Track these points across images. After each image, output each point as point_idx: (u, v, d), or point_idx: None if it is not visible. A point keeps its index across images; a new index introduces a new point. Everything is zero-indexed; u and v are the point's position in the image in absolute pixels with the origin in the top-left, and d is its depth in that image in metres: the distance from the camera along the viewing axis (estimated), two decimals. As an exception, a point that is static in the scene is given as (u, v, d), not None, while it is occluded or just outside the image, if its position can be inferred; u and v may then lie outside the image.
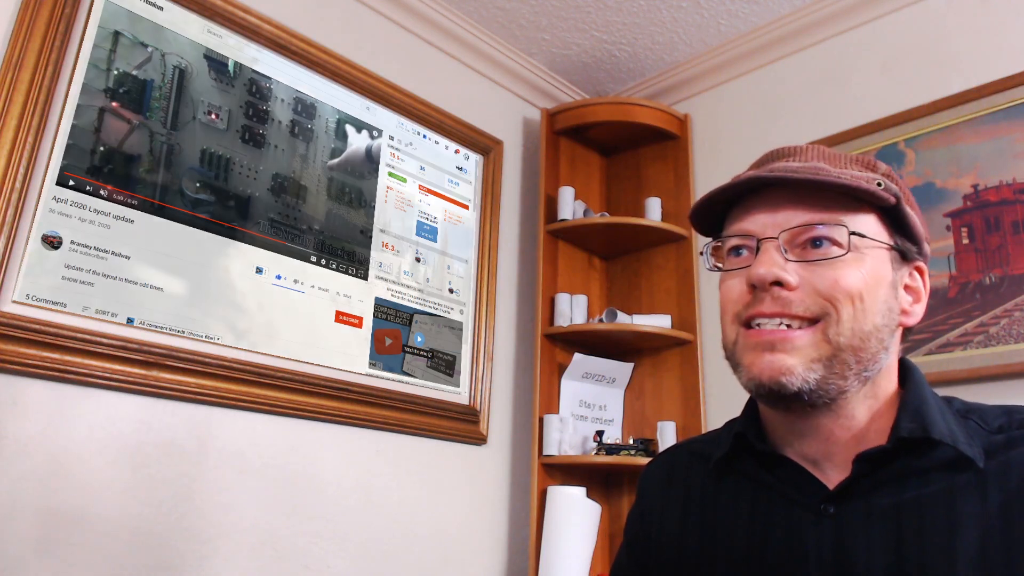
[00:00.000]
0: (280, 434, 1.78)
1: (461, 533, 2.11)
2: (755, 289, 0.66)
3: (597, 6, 2.33)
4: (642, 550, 0.83)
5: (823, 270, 0.65)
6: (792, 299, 0.64)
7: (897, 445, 0.65)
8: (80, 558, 1.44)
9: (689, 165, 2.48)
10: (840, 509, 0.66)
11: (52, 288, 1.48)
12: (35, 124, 1.49)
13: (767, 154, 0.75)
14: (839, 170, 0.68)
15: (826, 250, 0.65)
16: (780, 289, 0.65)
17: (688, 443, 0.86)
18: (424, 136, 2.29)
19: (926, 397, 0.69)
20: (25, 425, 1.42)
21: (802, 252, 0.66)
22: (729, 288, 0.69)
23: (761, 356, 0.65)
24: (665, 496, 0.82)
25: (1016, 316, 1.75)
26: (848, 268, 0.65)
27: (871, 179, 0.67)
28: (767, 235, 0.67)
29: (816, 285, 0.65)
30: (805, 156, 0.71)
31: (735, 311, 0.68)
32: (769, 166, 0.71)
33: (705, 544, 0.74)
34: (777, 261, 0.65)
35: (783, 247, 0.66)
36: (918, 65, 2.08)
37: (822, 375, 0.64)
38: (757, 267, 0.65)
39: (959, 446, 0.64)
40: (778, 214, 0.67)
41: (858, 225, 0.66)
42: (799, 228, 0.66)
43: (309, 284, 1.89)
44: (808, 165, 0.68)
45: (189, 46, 1.78)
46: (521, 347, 2.44)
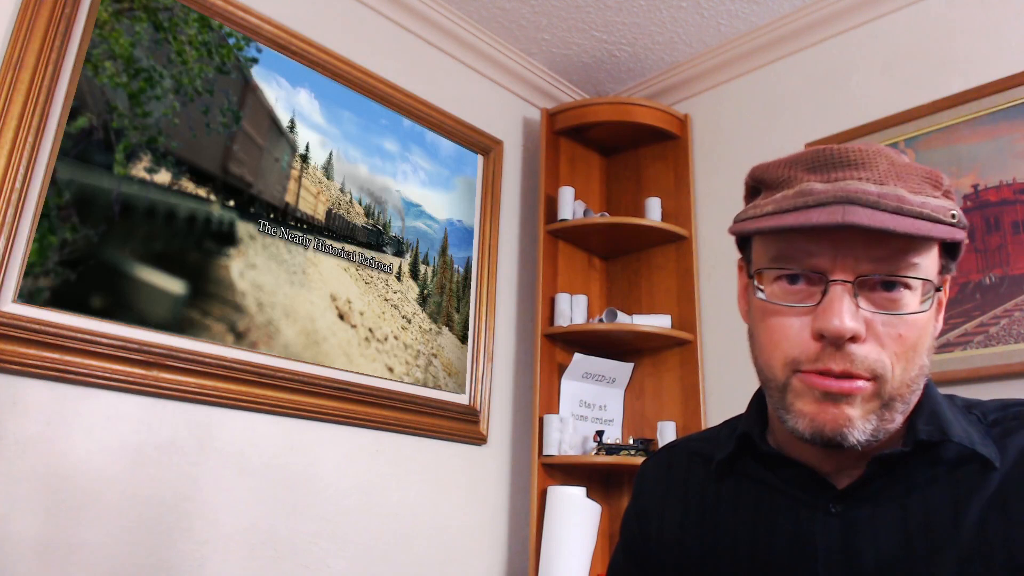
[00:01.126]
0: (280, 434, 1.78)
1: (461, 533, 2.11)
2: (823, 338, 0.61)
3: (597, 6, 2.33)
4: (640, 551, 0.82)
5: (891, 325, 0.61)
6: (857, 356, 0.61)
7: (916, 448, 0.64)
8: (80, 558, 1.44)
9: (689, 165, 2.48)
10: (848, 509, 0.66)
11: (52, 288, 1.48)
12: (35, 124, 1.49)
13: (825, 155, 0.65)
14: (918, 198, 0.61)
15: (897, 298, 0.61)
16: (851, 343, 0.61)
17: (686, 441, 0.85)
18: (425, 136, 2.29)
19: (938, 398, 0.68)
20: (25, 425, 1.42)
21: (872, 296, 0.62)
22: (784, 327, 0.63)
23: (825, 407, 0.62)
24: (664, 496, 0.81)
25: (1016, 316, 1.75)
26: (914, 322, 0.62)
27: (946, 210, 0.62)
28: (839, 277, 0.61)
29: (881, 337, 0.61)
30: (876, 171, 0.63)
31: (792, 356, 0.63)
32: (839, 180, 0.62)
33: (707, 545, 0.73)
34: (853, 312, 0.60)
35: (854, 292, 0.61)
36: (918, 65, 2.08)
37: (876, 425, 0.62)
38: (833, 318, 0.60)
39: (976, 447, 0.64)
40: (850, 252, 0.61)
41: (930, 265, 0.63)
42: (871, 277, 0.61)
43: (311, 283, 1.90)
44: (888, 191, 0.61)
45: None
46: (521, 347, 2.44)
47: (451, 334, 2.22)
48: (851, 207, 0.59)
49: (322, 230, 1.96)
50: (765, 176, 0.69)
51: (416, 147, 2.27)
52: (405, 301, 2.12)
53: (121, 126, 1.63)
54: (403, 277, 2.14)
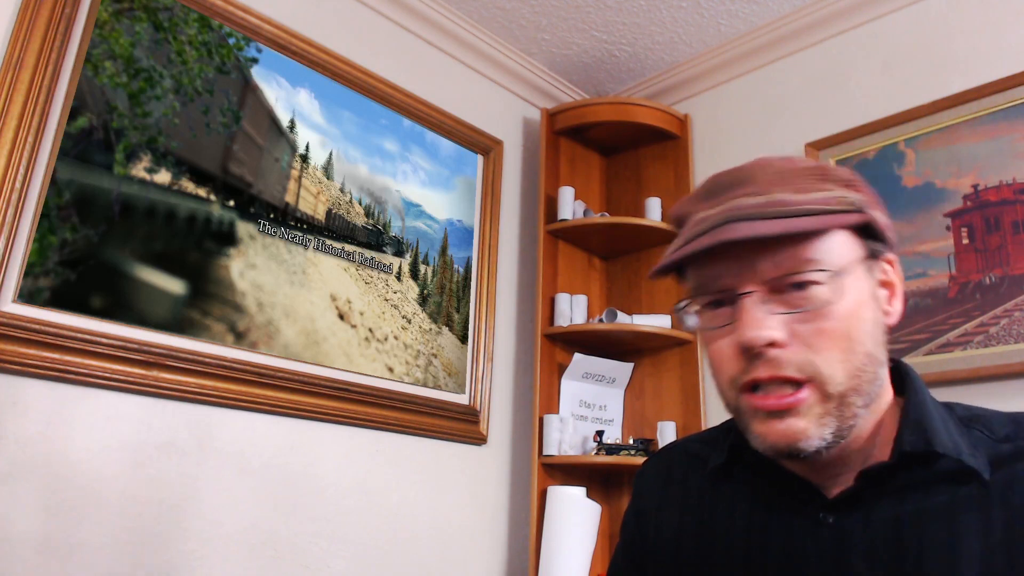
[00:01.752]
0: (280, 434, 1.78)
1: (461, 533, 2.11)
2: (746, 351, 0.63)
3: (597, 6, 2.33)
4: (639, 551, 0.82)
5: (809, 320, 0.62)
6: (783, 359, 0.62)
7: (900, 460, 0.64)
8: (80, 558, 1.44)
9: (689, 165, 2.48)
10: (839, 519, 0.65)
11: (52, 288, 1.48)
12: (35, 124, 1.49)
13: (716, 182, 0.68)
14: (802, 196, 0.64)
15: (809, 294, 0.62)
16: (772, 349, 0.62)
17: (685, 443, 0.85)
18: (425, 136, 2.29)
19: (927, 406, 0.67)
20: (25, 425, 1.42)
21: (784, 299, 0.63)
22: (719, 350, 0.65)
23: (771, 425, 0.62)
24: (662, 497, 0.81)
25: (1016, 316, 1.75)
26: (833, 310, 0.62)
27: (835, 199, 0.64)
28: (745, 290, 0.63)
29: (804, 336, 0.62)
30: (760, 183, 0.65)
31: (731, 375, 0.65)
32: (724, 202, 0.66)
33: (702, 548, 0.74)
34: (763, 320, 0.62)
35: (764, 299, 0.63)
36: (918, 65, 2.08)
37: (835, 426, 0.62)
38: (745, 330, 0.62)
39: (963, 458, 0.62)
40: (750, 264, 0.63)
41: (833, 255, 0.63)
42: (777, 279, 0.63)
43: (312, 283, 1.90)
44: (771, 200, 0.63)
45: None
46: (521, 347, 2.44)
47: (451, 334, 2.22)
48: (732, 225, 0.62)
49: (322, 230, 1.96)
50: (676, 215, 0.72)
51: (416, 147, 2.27)
52: (405, 301, 2.12)
53: (121, 126, 1.63)
54: (403, 277, 2.14)
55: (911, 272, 1.93)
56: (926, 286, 1.91)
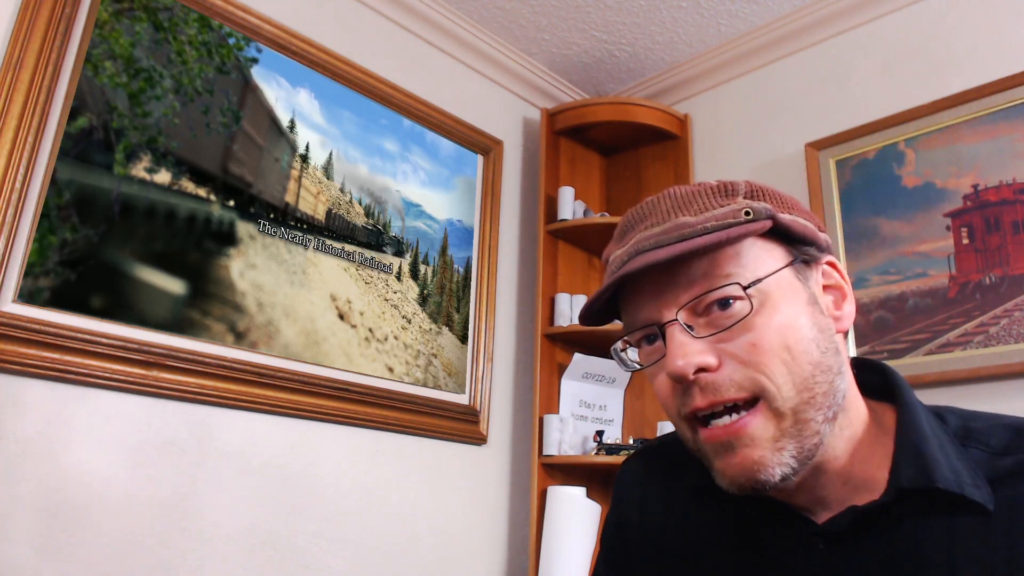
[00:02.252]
0: (280, 434, 1.78)
1: (461, 533, 2.11)
2: (680, 382, 0.60)
3: (597, 6, 2.33)
4: (622, 561, 0.79)
5: (738, 336, 0.59)
6: (719, 382, 0.59)
7: (898, 497, 0.59)
8: (80, 558, 1.44)
9: (689, 165, 2.48)
10: (830, 548, 0.62)
11: (52, 288, 1.48)
12: (35, 124, 1.49)
13: (625, 220, 0.68)
14: (700, 217, 0.62)
15: (731, 311, 0.60)
16: (703, 375, 0.59)
17: (667, 446, 0.80)
18: (425, 136, 2.29)
19: (922, 428, 0.62)
20: (25, 425, 1.42)
21: (708, 320, 0.61)
22: (660, 385, 0.63)
23: (727, 460, 0.59)
24: (643, 505, 0.78)
25: (1016, 316, 1.75)
26: (761, 322, 0.59)
27: (736, 211, 0.62)
28: (666, 319, 0.61)
29: (737, 355, 0.59)
30: (662, 214, 0.64)
31: (675, 408, 0.63)
32: (632, 239, 0.65)
33: (687, 559, 0.71)
34: (688, 347, 0.59)
35: (687, 325, 0.60)
36: (918, 65, 2.08)
37: (796, 447, 0.59)
38: (671, 361, 0.59)
39: (965, 492, 0.58)
40: (666, 292, 0.62)
41: (748, 266, 0.61)
42: (693, 302, 0.61)
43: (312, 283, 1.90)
44: (669, 226, 0.62)
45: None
46: (521, 347, 2.44)
47: (451, 334, 2.22)
48: (634, 259, 0.61)
49: (322, 230, 1.96)
50: (603, 261, 0.71)
51: (416, 147, 2.27)
52: (405, 301, 2.12)
53: (121, 126, 1.63)
54: (403, 277, 2.14)
55: (911, 272, 1.93)
56: (926, 286, 1.91)
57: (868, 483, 0.62)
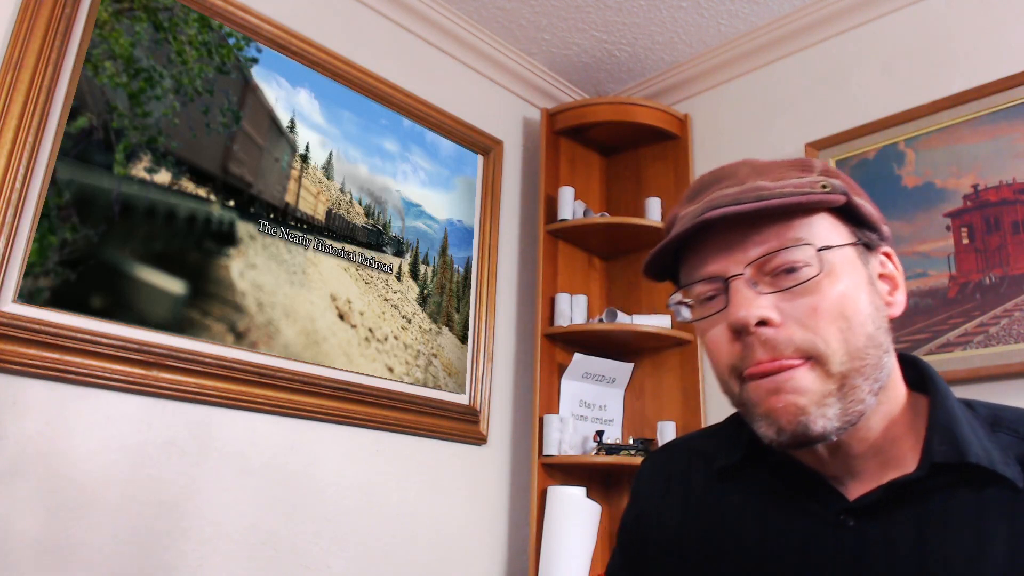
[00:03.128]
0: (280, 434, 1.78)
1: (461, 533, 2.11)
2: (739, 335, 0.62)
3: (597, 6, 2.33)
4: (638, 554, 0.79)
5: (800, 298, 0.61)
6: (779, 340, 0.61)
7: (930, 472, 0.61)
8: (80, 558, 1.44)
9: (689, 165, 2.48)
10: (860, 521, 0.63)
11: (52, 288, 1.48)
12: (35, 124, 1.49)
13: (698, 183, 0.70)
14: (779, 183, 0.64)
15: (797, 274, 0.62)
16: (765, 329, 0.61)
17: (687, 440, 0.82)
18: (425, 136, 2.29)
19: (954, 410, 0.65)
20: (25, 425, 1.42)
21: (773, 281, 0.63)
22: (714, 339, 0.65)
23: (771, 402, 0.61)
24: (662, 498, 0.78)
25: (1016, 316, 1.75)
26: (824, 288, 0.61)
27: (813, 183, 0.64)
28: (732, 273, 0.63)
29: (797, 316, 0.61)
30: (738, 177, 0.67)
31: (729, 363, 0.64)
32: (706, 198, 0.67)
33: (708, 549, 0.71)
34: (753, 299, 0.61)
35: (752, 281, 0.63)
36: (918, 65, 2.08)
37: (840, 408, 0.61)
38: (736, 310, 0.62)
39: (996, 468, 0.60)
40: (735, 248, 0.64)
41: (818, 234, 0.63)
42: (762, 259, 0.63)
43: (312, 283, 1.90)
44: (746, 187, 0.64)
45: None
46: (521, 347, 2.44)
47: (451, 334, 2.22)
48: (706, 213, 0.63)
49: (322, 230, 1.96)
50: (666, 223, 0.75)
51: (416, 147, 2.27)
52: (405, 301, 2.12)
53: (121, 126, 1.63)
54: (403, 277, 2.14)
55: (911, 272, 1.93)
56: (926, 286, 1.91)
57: (899, 461, 0.65)
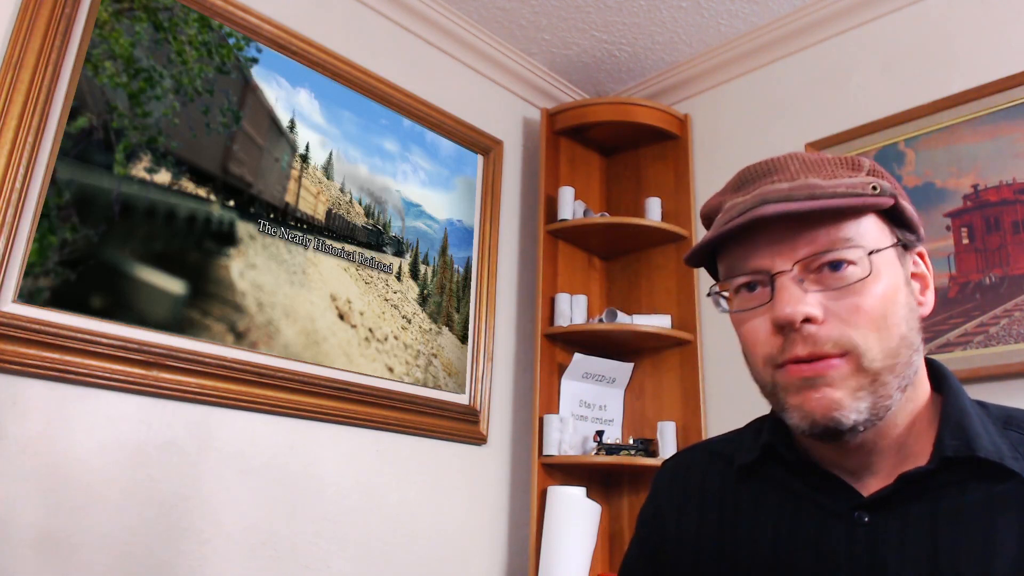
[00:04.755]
0: (280, 434, 1.78)
1: (461, 533, 2.11)
2: (782, 329, 0.63)
3: (597, 6, 2.33)
4: (656, 551, 0.81)
5: (845, 297, 0.63)
6: (820, 335, 0.62)
7: (940, 465, 0.63)
8: (80, 558, 1.44)
9: (689, 165, 2.49)
10: (874, 518, 0.65)
11: (52, 288, 1.48)
12: (35, 124, 1.49)
13: (745, 173, 0.70)
14: (831, 182, 0.65)
15: (844, 273, 0.63)
16: (808, 325, 0.62)
17: (707, 443, 0.84)
18: (425, 136, 2.29)
19: (966, 407, 0.67)
20: (25, 425, 1.42)
21: (819, 278, 0.64)
22: (753, 330, 0.66)
23: (807, 395, 0.63)
24: (682, 496, 0.80)
25: (1016, 316, 1.75)
26: (868, 289, 0.63)
27: (864, 184, 0.65)
28: (780, 269, 0.64)
29: (840, 314, 0.62)
30: (790, 172, 0.67)
31: (766, 353, 0.65)
32: (756, 190, 0.67)
33: (725, 547, 0.73)
34: (800, 297, 0.62)
35: (799, 278, 0.63)
36: (918, 65, 2.08)
37: (871, 402, 0.62)
38: (782, 306, 0.62)
39: (1005, 462, 0.62)
40: (784, 244, 0.64)
41: (867, 236, 0.64)
42: (810, 258, 0.63)
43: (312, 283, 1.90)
44: (799, 184, 0.65)
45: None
46: (521, 347, 2.44)
47: (451, 334, 2.22)
48: (764, 206, 0.64)
49: (322, 230, 1.96)
50: (707, 210, 0.75)
51: (416, 147, 2.27)
52: (405, 301, 2.12)
53: (121, 126, 1.63)
54: (403, 277, 2.14)
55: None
56: (926, 286, 1.90)
57: (915, 455, 0.66)
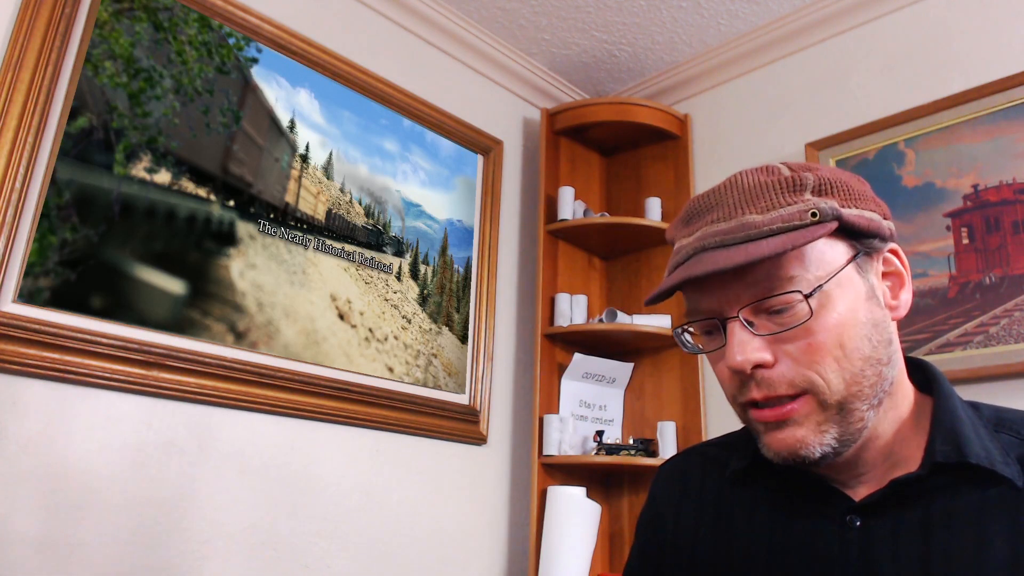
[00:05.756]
0: (280, 434, 1.78)
1: (461, 533, 2.11)
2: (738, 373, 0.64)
3: (597, 6, 2.33)
4: (655, 555, 0.82)
5: (796, 338, 0.62)
6: (774, 379, 0.63)
7: (932, 471, 0.63)
8: (80, 557, 1.44)
9: (689, 165, 2.48)
10: (866, 522, 0.65)
11: (52, 288, 1.48)
12: (35, 124, 1.49)
13: (691, 206, 0.69)
14: (768, 216, 0.63)
15: (790, 316, 0.62)
16: (760, 371, 0.63)
17: (703, 447, 0.85)
18: (425, 136, 2.29)
19: (957, 411, 0.66)
20: (25, 425, 1.42)
21: (769, 319, 0.63)
22: (719, 372, 0.68)
23: (773, 435, 0.64)
24: (679, 501, 0.81)
25: (1016, 316, 1.75)
26: (818, 324, 0.62)
27: (803, 212, 0.62)
28: (728, 315, 0.64)
29: (792, 354, 0.62)
30: (729, 208, 0.65)
31: (731, 394, 0.67)
32: (699, 230, 0.67)
33: (721, 551, 0.73)
34: (748, 343, 0.62)
35: (748, 321, 0.63)
36: (918, 65, 2.08)
37: (838, 432, 0.62)
38: (732, 355, 0.63)
39: (996, 468, 0.62)
40: (729, 288, 0.64)
41: (813, 266, 0.62)
42: (756, 303, 0.63)
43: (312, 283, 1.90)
44: (734, 225, 0.63)
45: (189, 46, 1.78)
46: (521, 347, 2.44)
47: (451, 334, 2.22)
48: (703, 255, 0.64)
49: (322, 230, 1.96)
50: (668, 238, 0.74)
51: (416, 147, 2.27)
52: (405, 301, 2.12)
53: (121, 126, 1.63)
54: (403, 277, 2.14)
55: (911, 272, 1.93)
56: (926, 286, 1.91)
57: (906, 460, 0.66)
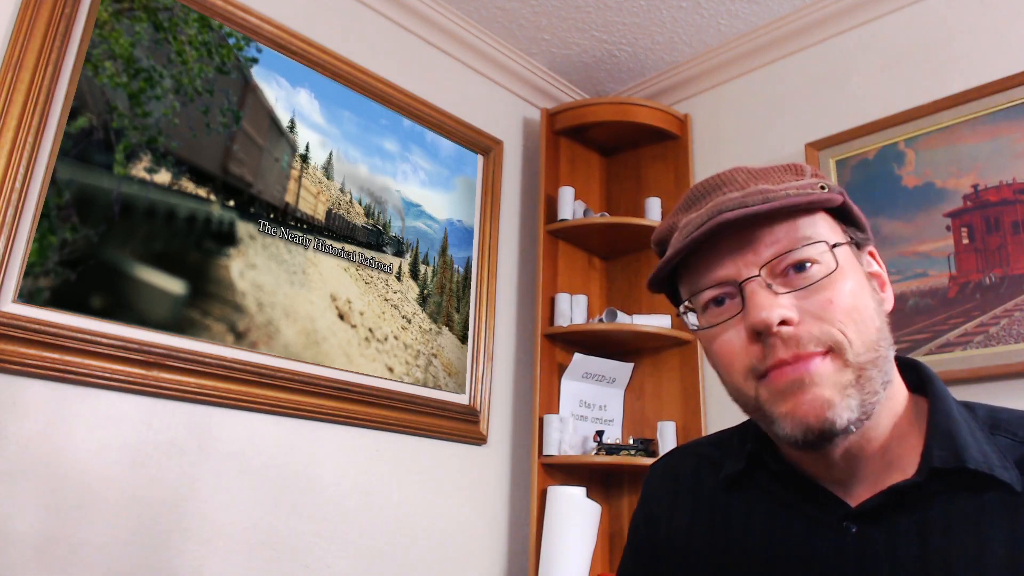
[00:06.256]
0: (280, 434, 1.78)
1: (461, 533, 2.11)
2: (759, 336, 0.62)
3: (597, 6, 2.33)
4: (648, 556, 0.81)
5: (815, 295, 0.62)
6: (800, 335, 0.61)
7: (929, 477, 0.62)
8: (80, 558, 1.44)
9: (689, 165, 2.48)
10: (863, 528, 0.64)
11: (52, 288, 1.48)
12: (35, 124, 1.49)
13: (695, 190, 0.70)
14: (780, 186, 0.65)
15: (810, 272, 0.63)
16: (785, 327, 0.61)
17: (695, 446, 0.83)
18: (425, 136, 2.29)
19: (953, 414, 0.65)
20: (25, 425, 1.42)
21: (786, 280, 0.63)
22: (728, 343, 0.65)
23: (798, 399, 0.61)
24: (672, 502, 0.79)
25: (1016, 316, 1.75)
26: (837, 284, 0.62)
27: (812, 185, 0.66)
28: (747, 275, 0.63)
29: (814, 311, 0.62)
30: (738, 183, 0.68)
31: (745, 365, 0.64)
32: (711, 204, 0.66)
33: (716, 553, 0.72)
34: (773, 300, 0.61)
35: (767, 282, 0.63)
36: (918, 65, 2.08)
37: (859, 399, 0.61)
38: (757, 312, 0.61)
39: (995, 473, 0.61)
40: (746, 251, 0.64)
41: (823, 233, 0.64)
42: (775, 260, 0.63)
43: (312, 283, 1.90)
44: (750, 191, 0.65)
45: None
46: (521, 347, 2.44)
47: (451, 334, 2.22)
48: (720, 216, 0.63)
49: (322, 230, 1.96)
50: (659, 236, 0.74)
51: (416, 147, 2.27)
52: (405, 301, 2.12)
53: (121, 126, 1.63)
54: (403, 277, 2.14)
55: (911, 272, 1.93)
56: (926, 286, 1.91)
57: (902, 464, 0.65)
